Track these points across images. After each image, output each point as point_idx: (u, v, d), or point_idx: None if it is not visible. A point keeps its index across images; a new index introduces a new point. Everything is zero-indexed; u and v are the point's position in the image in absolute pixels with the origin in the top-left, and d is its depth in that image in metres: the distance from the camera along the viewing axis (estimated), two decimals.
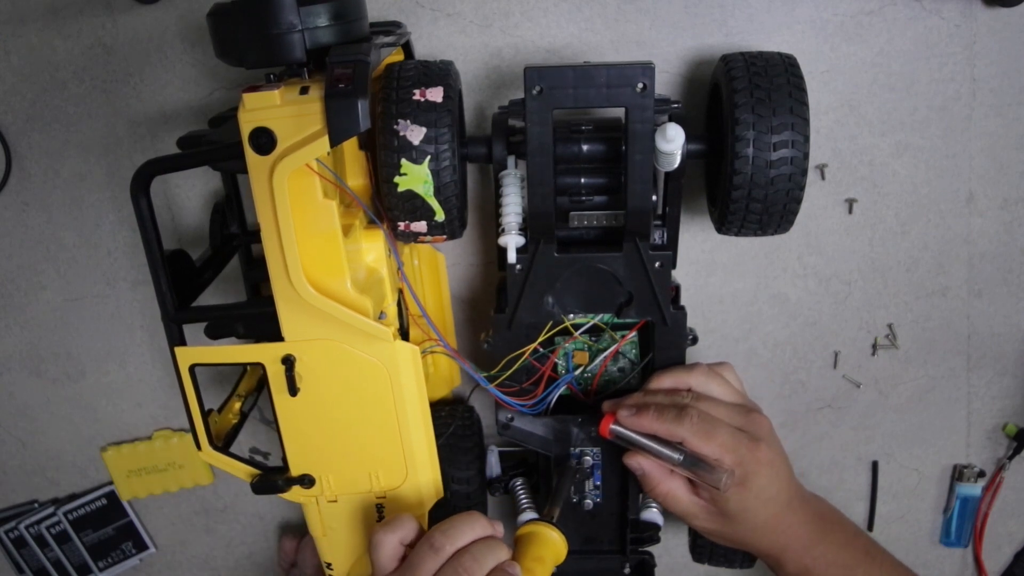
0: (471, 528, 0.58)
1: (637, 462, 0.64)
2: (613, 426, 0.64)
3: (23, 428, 0.87)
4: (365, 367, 0.60)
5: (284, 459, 0.64)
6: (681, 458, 0.62)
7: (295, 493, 0.64)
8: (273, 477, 0.64)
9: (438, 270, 0.78)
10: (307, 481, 0.64)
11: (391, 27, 0.68)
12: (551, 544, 0.60)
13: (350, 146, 0.66)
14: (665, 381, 0.66)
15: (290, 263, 0.55)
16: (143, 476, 0.88)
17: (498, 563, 0.56)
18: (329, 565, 0.69)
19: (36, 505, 0.90)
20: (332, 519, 0.66)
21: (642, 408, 0.64)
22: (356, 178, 0.67)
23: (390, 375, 0.60)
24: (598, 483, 0.72)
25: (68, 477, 0.89)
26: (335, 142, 0.52)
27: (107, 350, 0.84)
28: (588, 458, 0.70)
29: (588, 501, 0.72)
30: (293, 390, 0.60)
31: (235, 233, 0.75)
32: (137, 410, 0.86)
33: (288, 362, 0.59)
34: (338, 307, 0.57)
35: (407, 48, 0.68)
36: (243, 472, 0.64)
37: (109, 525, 0.90)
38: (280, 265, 0.56)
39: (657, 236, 0.69)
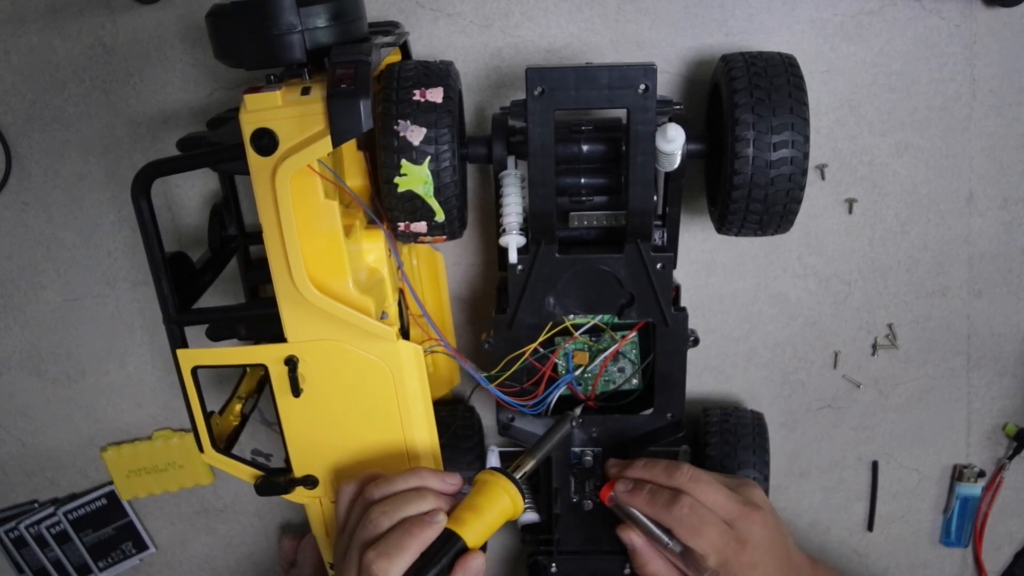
0: (405, 480, 0.58)
1: (629, 538, 0.64)
2: (612, 494, 0.65)
3: (23, 428, 0.87)
4: (368, 367, 0.60)
5: (287, 460, 0.64)
6: (671, 543, 0.62)
7: (298, 494, 0.64)
8: (276, 478, 0.64)
9: (437, 270, 0.78)
10: (310, 482, 0.64)
11: (389, 27, 0.68)
12: (495, 494, 0.58)
13: (348, 147, 0.66)
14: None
15: (293, 264, 0.55)
16: (143, 476, 0.88)
17: (423, 511, 0.56)
18: (332, 565, 0.69)
19: (36, 505, 0.90)
20: (335, 519, 0.66)
21: (638, 486, 0.63)
22: (355, 179, 0.67)
23: (393, 375, 0.60)
24: (598, 484, 0.72)
25: (68, 477, 0.89)
26: (337, 142, 0.52)
27: (107, 350, 0.84)
28: (588, 458, 0.70)
29: (588, 502, 0.72)
30: (296, 391, 0.60)
31: (233, 235, 0.75)
32: (137, 410, 0.86)
33: (291, 363, 0.59)
34: (341, 307, 0.57)
35: (404, 48, 0.68)
36: (246, 474, 0.64)
37: (109, 525, 0.90)
38: (283, 266, 0.56)
39: (657, 236, 0.69)
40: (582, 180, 0.67)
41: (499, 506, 0.58)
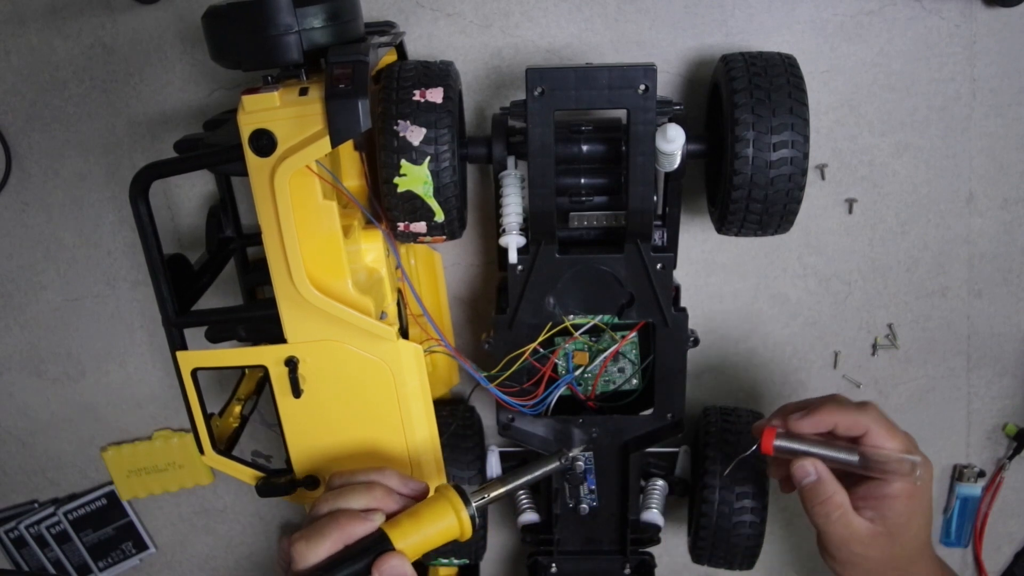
0: (365, 474, 0.57)
1: (812, 465, 0.60)
2: (777, 441, 0.61)
3: (23, 428, 0.87)
4: (369, 367, 0.60)
5: (288, 461, 0.64)
6: (857, 459, 0.59)
7: (300, 495, 0.64)
8: (277, 480, 0.64)
9: (435, 270, 0.78)
10: (311, 483, 0.64)
11: (384, 27, 0.68)
12: (440, 509, 0.54)
13: (345, 147, 0.66)
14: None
15: (292, 265, 0.55)
16: (143, 476, 0.88)
17: (363, 507, 0.54)
18: None
19: (36, 505, 0.90)
20: None
21: (816, 406, 0.61)
22: (351, 179, 0.67)
23: (394, 375, 0.60)
24: (592, 487, 0.72)
25: (68, 477, 0.89)
26: (336, 142, 0.52)
27: (107, 350, 0.84)
28: (580, 463, 0.70)
29: (584, 505, 0.72)
30: (296, 392, 0.60)
31: (230, 237, 0.75)
32: (137, 410, 0.86)
33: (291, 364, 0.59)
34: (341, 307, 0.57)
35: (400, 48, 0.68)
36: (247, 475, 0.64)
37: (109, 525, 0.90)
38: (282, 267, 0.56)
39: (657, 236, 0.69)
40: (582, 180, 0.67)
41: (441, 522, 0.54)
